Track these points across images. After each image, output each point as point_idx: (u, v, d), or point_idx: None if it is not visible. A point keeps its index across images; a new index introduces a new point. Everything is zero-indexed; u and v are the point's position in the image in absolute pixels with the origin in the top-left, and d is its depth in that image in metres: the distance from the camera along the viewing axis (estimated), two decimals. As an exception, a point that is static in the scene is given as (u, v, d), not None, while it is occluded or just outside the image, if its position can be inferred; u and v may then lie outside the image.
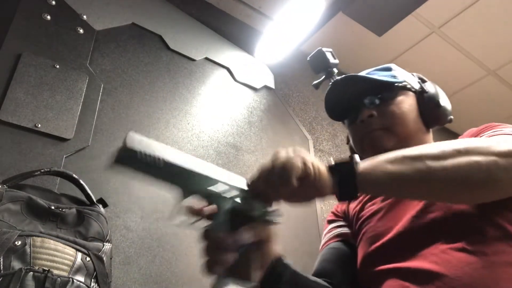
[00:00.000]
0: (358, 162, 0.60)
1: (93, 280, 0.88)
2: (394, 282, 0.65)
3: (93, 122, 1.36)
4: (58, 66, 1.35)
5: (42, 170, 1.02)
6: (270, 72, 2.12)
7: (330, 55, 1.01)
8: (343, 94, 0.87)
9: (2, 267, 0.77)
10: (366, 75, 0.87)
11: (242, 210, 0.57)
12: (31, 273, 0.77)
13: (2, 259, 0.77)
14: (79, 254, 0.88)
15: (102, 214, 1.05)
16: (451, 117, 0.86)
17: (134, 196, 1.33)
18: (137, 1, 1.73)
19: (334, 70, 1.01)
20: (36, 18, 1.39)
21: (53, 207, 0.96)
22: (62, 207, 0.98)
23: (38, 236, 0.85)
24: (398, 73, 0.88)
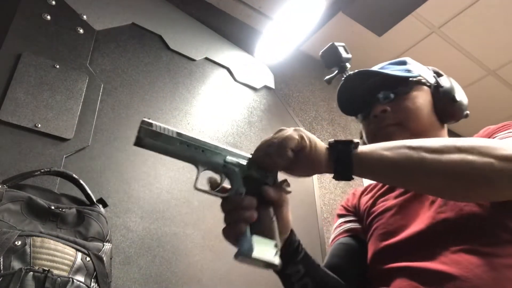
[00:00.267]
0: (357, 144, 0.60)
1: (93, 280, 0.88)
2: (404, 281, 0.65)
3: (93, 122, 1.36)
4: (58, 66, 1.35)
5: (42, 170, 1.02)
6: (270, 72, 2.12)
7: (343, 50, 0.98)
8: (356, 89, 0.87)
9: (2, 267, 0.76)
10: (380, 70, 0.85)
11: (253, 178, 0.62)
12: (31, 273, 0.77)
13: (2, 259, 0.77)
14: (79, 254, 0.88)
15: (102, 214, 1.05)
16: (467, 112, 0.84)
17: (134, 196, 1.33)
18: (137, 1, 1.73)
19: (347, 64, 0.97)
20: (36, 18, 1.39)
21: (53, 207, 0.96)
22: (62, 207, 0.98)
23: (38, 236, 0.85)
24: (413, 67, 0.86)
